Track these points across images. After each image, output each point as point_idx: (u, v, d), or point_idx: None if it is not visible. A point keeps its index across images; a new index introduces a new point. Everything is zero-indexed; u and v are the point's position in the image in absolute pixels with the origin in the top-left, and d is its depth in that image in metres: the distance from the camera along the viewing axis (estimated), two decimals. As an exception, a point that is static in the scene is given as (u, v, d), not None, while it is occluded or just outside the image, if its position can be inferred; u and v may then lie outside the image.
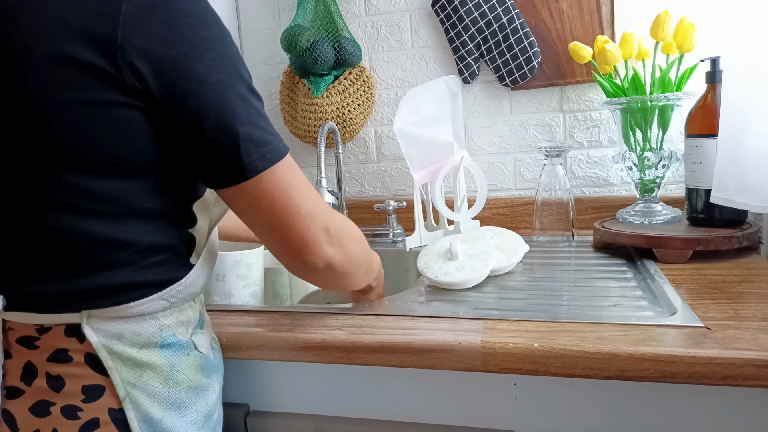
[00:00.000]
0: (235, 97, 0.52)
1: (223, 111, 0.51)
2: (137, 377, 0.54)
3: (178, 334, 0.58)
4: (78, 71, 0.48)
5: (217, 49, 0.52)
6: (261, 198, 0.54)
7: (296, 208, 0.55)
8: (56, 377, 0.53)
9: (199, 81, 0.50)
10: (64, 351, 0.53)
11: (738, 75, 0.80)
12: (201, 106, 0.51)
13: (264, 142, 0.54)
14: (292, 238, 0.56)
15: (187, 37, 0.50)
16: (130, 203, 0.53)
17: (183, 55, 0.50)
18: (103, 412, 0.53)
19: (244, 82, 0.54)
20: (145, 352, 0.55)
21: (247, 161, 0.53)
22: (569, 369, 0.59)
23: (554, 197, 1.06)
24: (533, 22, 1.16)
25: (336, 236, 0.60)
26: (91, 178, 0.51)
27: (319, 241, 0.57)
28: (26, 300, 0.53)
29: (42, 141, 0.50)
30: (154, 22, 0.49)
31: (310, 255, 0.57)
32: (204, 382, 0.60)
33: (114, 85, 0.49)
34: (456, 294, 0.82)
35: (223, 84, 0.52)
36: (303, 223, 0.56)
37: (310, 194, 0.58)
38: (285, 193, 0.55)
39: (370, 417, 0.72)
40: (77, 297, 0.53)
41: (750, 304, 0.68)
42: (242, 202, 0.55)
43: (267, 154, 0.54)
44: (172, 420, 0.56)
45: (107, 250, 0.53)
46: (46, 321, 0.53)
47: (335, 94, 1.25)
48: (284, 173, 0.55)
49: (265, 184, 0.54)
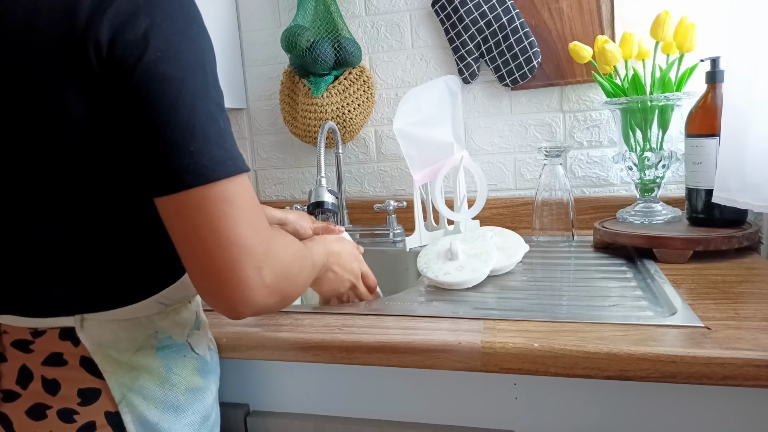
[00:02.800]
0: (194, 84, 0.46)
1: (174, 95, 0.45)
2: (133, 380, 0.54)
3: (174, 336, 0.58)
4: (60, 63, 0.46)
5: (187, 33, 0.47)
6: (183, 213, 0.47)
7: (224, 235, 0.46)
8: (52, 381, 0.53)
9: (156, 50, 0.45)
10: (59, 354, 0.53)
11: (739, 76, 0.80)
12: (150, 78, 0.45)
13: (205, 151, 0.46)
14: (212, 269, 0.46)
15: (154, 13, 0.46)
16: (122, 208, 0.52)
17: (147, 27, 0.45)
18: (100, 416, 0.53)
19: (209, 78, 0.48)
20: (140, 355, 0.55)
21: (174, 167, 0.46)
22: (569, 369, 0.59)
23: (554, 197, 1.06)
24: (533, 22, 1.16)
25: (272, 280, 0.49)
26: (82, 183, 0.50)
27: (249, 284, 0.47)
28: (20, 304, 0.53)
29: (35, 146, 0.49)
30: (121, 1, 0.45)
31: (233, 299, 0.47)
32: (201, 383, 0.60)
33: (81, 66, 0.45)
34: (456, 294, 0.82)
35: (185, 65, 0.46)
36: (229, 254, 0.46)
37: (254, 226, 0.48)
38: (215, 216, 0.46)
39: (370, 417, 0.72)
40: (71, 301, 0.52)
41: (750, 304, 0.68)
42: (165, 212, 0.48)
43: (211, 165, 0.46)
44: (169, 423, 0.55)
45: (102, 255, 0.52)
46: (40, 325, 0.53)
47: (335, 94, 1.25)
48: (222, 194, 0.47)
49: (192, 200, 0.46)
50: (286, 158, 1.40)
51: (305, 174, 1.39)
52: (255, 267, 0.47)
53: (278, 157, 1.40)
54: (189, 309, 0.61)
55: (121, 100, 0.46)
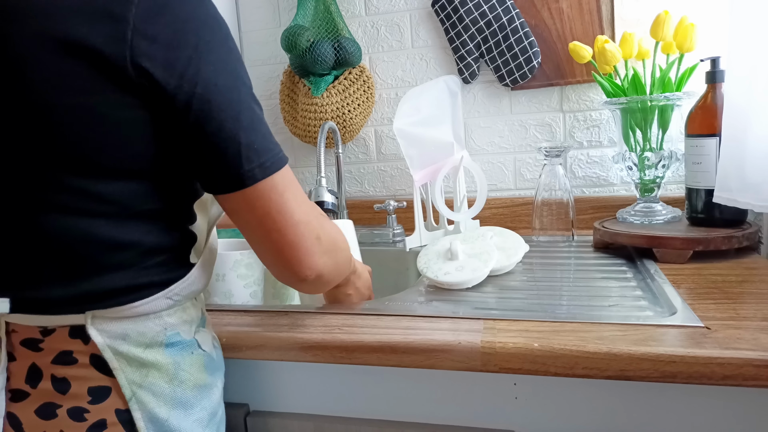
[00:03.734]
0: (238, 102, 0.53)
1: (226, 115, 0.52)
2: (143, 377, 0.54)
3: (182, 333, 0.58)
4: (84, 72, 0.48)
5: (222, 54, 0.52)
6: (255, 205, 0.55)
7: (289, 215, 0.55)
8: (62, 379, 0.53)
9: (204, 84, 0.51)
10: (69, 353, 0.53)
11: (740, 76, 0.80)
12: (205, 109, 0.51)
13: (265, 150, 0.54)
14: (283, 245, 0.56)
15: (192, 40, 0.50)
16: (132, 204, 0.53)
17: (189, 57, 0.50)
18: (110, 413, 0.53)
19: (247, 88, 0.54)
20: (150, 352, 0.55)
21: (247, 168, 0.53)
22: (569, 369, 0.59)
23: (554, 197, 1.06)
24: (533, 22, 1.16)
25: (327, 246, 0.60)
26: (93, 181, 0.51)
27: (312, 250, 0.57)
28: (30, 302, 0.53)
29: (46, 144, 0.49)
30: (160, 24, 0.49)
31: (302, 265, 0.57)
32: (208, 380, 0.60)
33: (120, 85, 0.49)
34: (456, 294, 0.82)
35: (228, 89, 0.52)
36: (296, 230, 0.56)
37: (305, 204, 0.58)
38: (279, 202, 0.55)
39: (370, 417, 0.72)
40: (81, 299, 0.53)
41: (750, 304, 0.68)
42: (237, 206, 0.55)
43: (266, 162, 0.54)
44: (178, 419, 0.56)
45: (110, 252, 0.53)
46: (50, 323, 0.53)
47: (335, 94, 1.25)
48: (281, 183, 0.55)
49: (261, 193, 0.54)
50: (286, 158, 1.40)
51: (305, 174, 1.39)
52: (315, 237, 0.58)
53: (278, 157, 1.40)
54: (195, 306, 0.62)
55: (175, 124, 0.52)
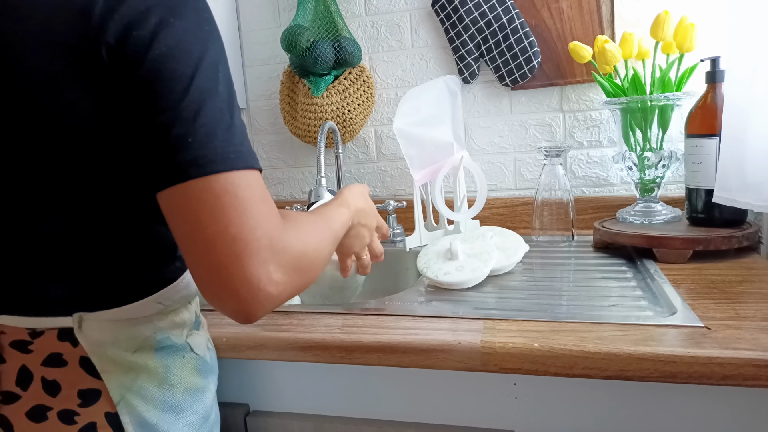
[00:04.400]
0: (210, 85, 0.47)
1: (188, 95, 0.45)
2: (132, 381, 0.54)
3: (173, 337, 0.57)
4: (69, 71, 0.47)
5: (191, 24, 0.47)
6: (187, 206, 0.45)
7: (224, 230, 0.44)
8: (52, 382, 0.53)
9: (176, 41, 0.46)
10: (59, 355, 0.53)
11: (740, 76, 0.81)
12: (171, 65, 0.45)
13: (217, 140, 0.46)
14: (215, 264, 0.44)
15: (158, 8, 0.46)
16: (125, 206, 0.52)
17: (156, 24, 0.45)
18: (100, 416, 0.53)
19: (224, 74, 0.49)
20: (139, 356, 0.54)
21: (190, 158, 0.45)
22: (569, 369, 0.59)
23: (554, 197, 1.06)
24: (533, 21, 1.16)
25: (283, 274, 0.46)
26: (88, 181, 0.50)
27: (254, 280, 0.44)
28: (18, 303, 0.53)
29: (38, 142, 0.49)
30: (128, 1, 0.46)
31: (239, 298, 0.44)
32: (200, 383, 0.59)
33: (102, 76, 0.46)
34: (456, 294, 0.82)
35: (200, 62, 0.46)
36: (231, 248, 0.44)
37: (257, 215, 0.45)
38: (218, 211, 0.44)
39: (370, 417, 0.72)
40: (70, 300, 0.52)
41: (750, 304, 0.68)
42: (167, 206, 0.47)
43: (212, 157, 0.45)
44: (168, 424, 0.55)
45: (102, 254, 0.52)
46: (39, 325, 0.53)
47: (335, 94, 1.25)
48: (229, 186, 0.45)
49: (192, 193, 0.45)
50: (286, 158, 1.40)
51: (305, 174, 1.39)
52: (261, 261, 0.44)
53: (278, 156, 1.40)
54: (189, 310, 0.61)
55: (128, 96, 0.46)
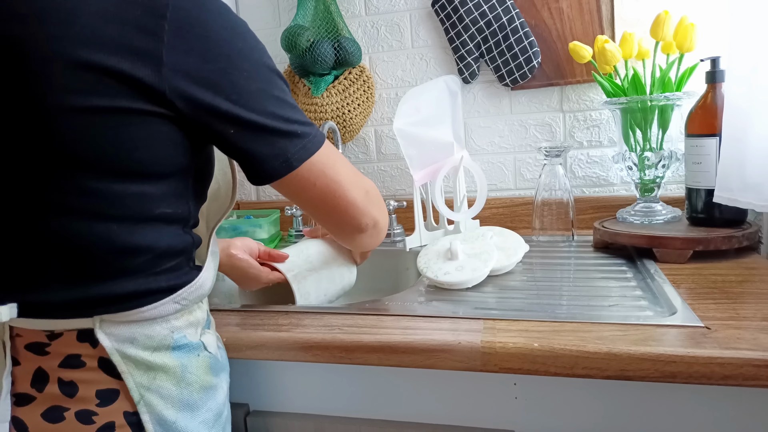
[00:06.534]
0: (273, 101, 0.56)
1: (265, 116, 0.55)
2: (150, 380, 0.55)
3: (189, 336, 0.59)
4: (108, 80, 0.48)
5: (253, 58, 0.55)
6: (312, 181, 0.61)
7: (343, 181, 0.63)
8: (69, 383, 0.53)
9: (239, 92, 0.53)
10: (77, 356, 0.53)
11: (740, 76, 0.80)
12: (243, 115, 0.54)
13: (304, 134, 0.58)
14: (345, 207, 0.64)
15: (225, 50, 0.52)
16: (147, 208, 0.53)
17: (223, 69, 0.52)
18: (119, 416, 0.54)
19: (277, 82, 0.57)
20: (157, 355, 0.56)
21: (293, 152, 0.57)
22: (569, 369, 0.59)
23: (554, 197, 1.06)
24: (533, 21, 1.16)
25: (373, 197, 0.68)
26: (110, 183, 0.51)
27: (365, 203, 0.66)
28: (38, 307, 0.53)
29: (60, 146, 0.49)
30: (194, 38, 0.50)
31: (363, 217, 0.66)
32: (213, 381, 0.60)
33: (149, 96, 0.50)
34: (456, 294, 0.82)
35: (261, 91, 0.55)
36: (351, 192, 0.64)
37: (348, 167, 0.65)
38: (330, 173, 0.62)
39: (370, 417, 0.72)
40: (90, 303, 0.53)
41: (750, 304, 0.68)
42: (294, 188, 0.61)
43: (308, 144, 0.59)
44: (185, 421, 0.57)
45: (123, 256, 0.53)
46: (57, 327, 0.53)
47: (335, 94, 1.25)
48: (326, 156, 0.61)
49: (311, 169, 0.60)
50: (286, 158, 1.40)
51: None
52: (363, 191, 0.66)
53: (278, 157, 1.40)
54: (201, 308, 0.62)
55: (212, 133, 0.55)
